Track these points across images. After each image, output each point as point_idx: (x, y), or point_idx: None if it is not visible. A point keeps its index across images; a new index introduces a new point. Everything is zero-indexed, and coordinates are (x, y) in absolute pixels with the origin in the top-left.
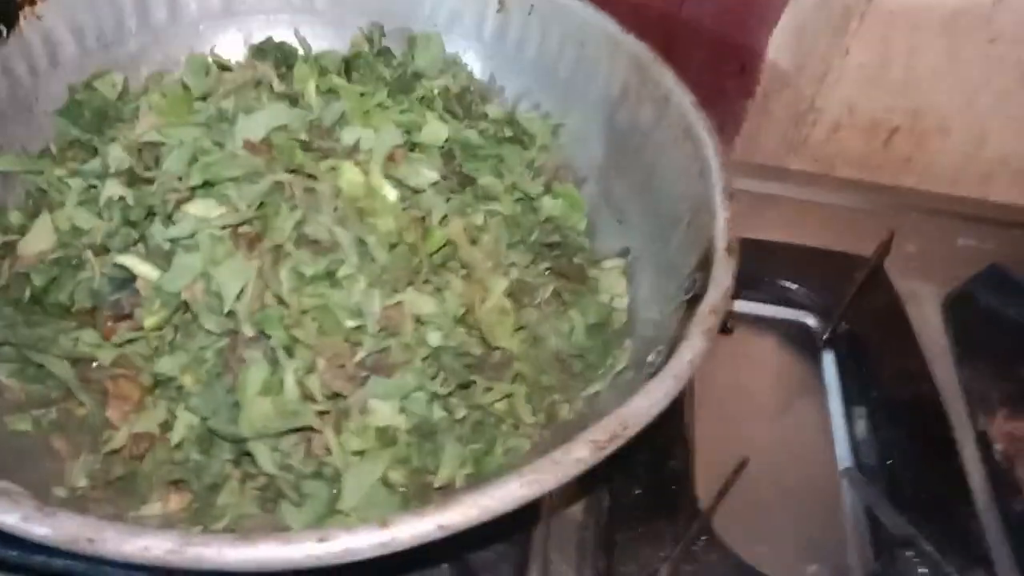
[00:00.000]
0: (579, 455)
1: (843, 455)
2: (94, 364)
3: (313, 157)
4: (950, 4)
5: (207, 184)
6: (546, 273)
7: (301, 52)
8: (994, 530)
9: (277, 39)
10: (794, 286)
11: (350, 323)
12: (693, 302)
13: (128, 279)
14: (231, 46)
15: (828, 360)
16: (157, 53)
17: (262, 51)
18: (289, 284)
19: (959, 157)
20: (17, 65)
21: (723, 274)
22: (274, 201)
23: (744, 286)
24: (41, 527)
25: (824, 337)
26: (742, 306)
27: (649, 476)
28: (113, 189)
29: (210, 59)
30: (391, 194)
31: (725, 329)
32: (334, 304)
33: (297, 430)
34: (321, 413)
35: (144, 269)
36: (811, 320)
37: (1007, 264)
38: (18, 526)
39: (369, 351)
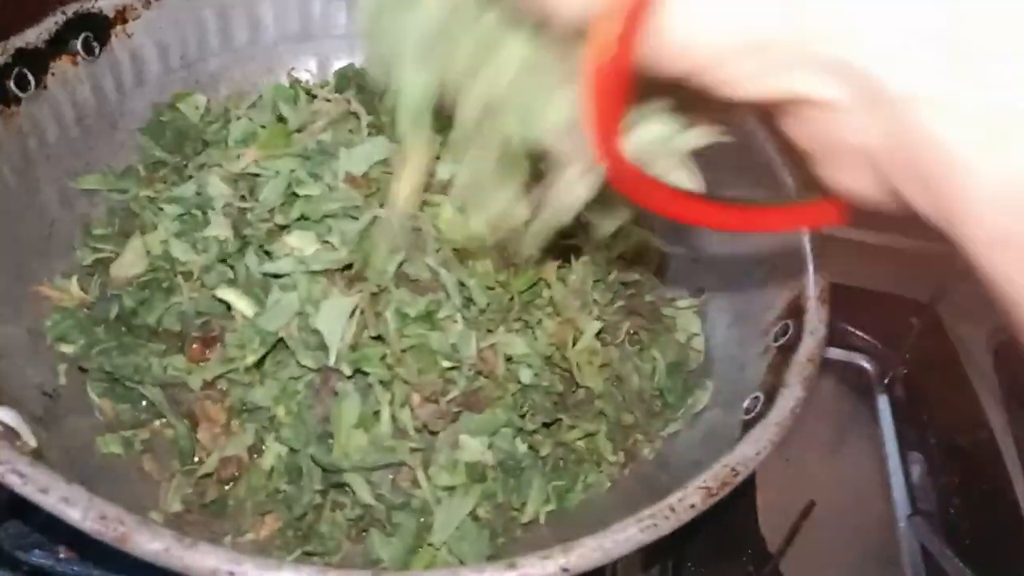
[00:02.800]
0: (693, 501)
1: (900, 500)
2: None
3: None
4: None
5: (304, 217)
6: (621, 311)
7: None
8: None
9: (353, 63)
10: (849, 328)
11: (445, 364)
12: (787, 349)
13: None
14: (307, 68)
15: (883, 404)
16: (236, 72)
17: (345, 77)
18: (393, 325)
19: None
20: (105, 82)
21: (817, 323)
22: (370, 235)
23: None
24: (183, 559)
25: (882, 381)
26: None
27: (713, 518)
28: (218, 229)
29: (287, 83)
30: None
31: None
32: (431, 344)
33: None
34: (413, 450)
35: (242, 305)
36: (865, 363)
37: None
38: (160, 555)
39: (463, 390)
